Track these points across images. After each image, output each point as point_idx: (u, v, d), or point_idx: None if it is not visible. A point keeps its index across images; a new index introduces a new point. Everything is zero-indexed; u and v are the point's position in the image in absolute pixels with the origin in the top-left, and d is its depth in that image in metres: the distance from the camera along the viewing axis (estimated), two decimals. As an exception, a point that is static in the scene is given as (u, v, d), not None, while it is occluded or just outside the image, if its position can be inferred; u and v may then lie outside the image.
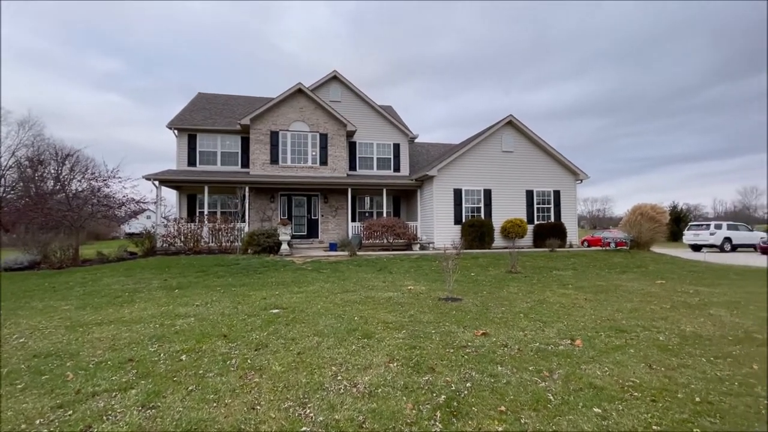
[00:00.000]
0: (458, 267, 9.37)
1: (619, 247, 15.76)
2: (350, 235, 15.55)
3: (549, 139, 16.68)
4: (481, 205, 15.95)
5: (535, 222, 16.22)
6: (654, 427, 2.53)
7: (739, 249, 20.94)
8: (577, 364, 3.63)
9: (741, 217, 67.34)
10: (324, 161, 17.16)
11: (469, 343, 4.20)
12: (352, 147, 18.44)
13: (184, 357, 3.83)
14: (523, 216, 16.04)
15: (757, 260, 14.76)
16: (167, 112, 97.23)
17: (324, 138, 17.18)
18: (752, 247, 20.63)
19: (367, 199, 18.88)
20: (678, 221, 33.30)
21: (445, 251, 8.69)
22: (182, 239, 13.32)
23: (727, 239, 20.54)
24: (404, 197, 19.49)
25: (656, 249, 16.40)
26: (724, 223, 21.49)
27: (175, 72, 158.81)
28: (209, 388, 3.10)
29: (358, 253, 13.18)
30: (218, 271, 9.60)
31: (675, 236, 28.00)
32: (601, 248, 16.46)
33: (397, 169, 18.85)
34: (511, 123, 16.33)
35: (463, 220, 15.57)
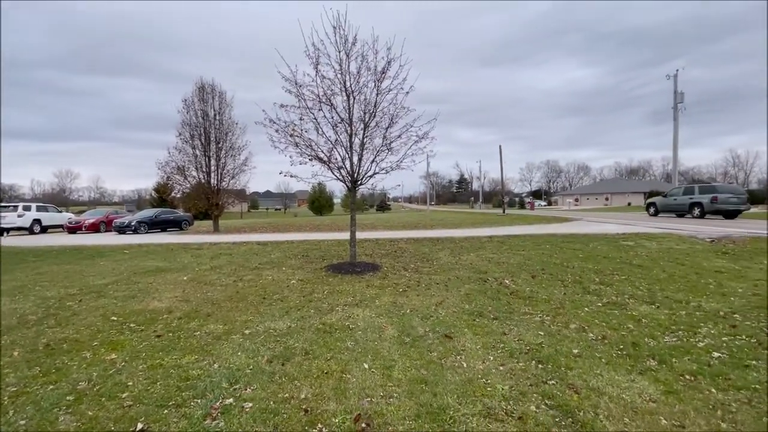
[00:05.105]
0: None
1: None
2: None
3: None
4: None
5: None
6: None
7: (49, 230, 21.36)
8: None
9: (58, 199, 70.41)
10: None
11: None
12: None
13: None
14: None
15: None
16: None
17: None
18: (62, 227, 21.71)
19: None
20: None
21: None
22: None
23: (37, 221, 20.30)
24: None
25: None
26: (33, 205, 21.05)
27: None
28: None
29: None
30: None
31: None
32: None
33: None
34: None
35: None
